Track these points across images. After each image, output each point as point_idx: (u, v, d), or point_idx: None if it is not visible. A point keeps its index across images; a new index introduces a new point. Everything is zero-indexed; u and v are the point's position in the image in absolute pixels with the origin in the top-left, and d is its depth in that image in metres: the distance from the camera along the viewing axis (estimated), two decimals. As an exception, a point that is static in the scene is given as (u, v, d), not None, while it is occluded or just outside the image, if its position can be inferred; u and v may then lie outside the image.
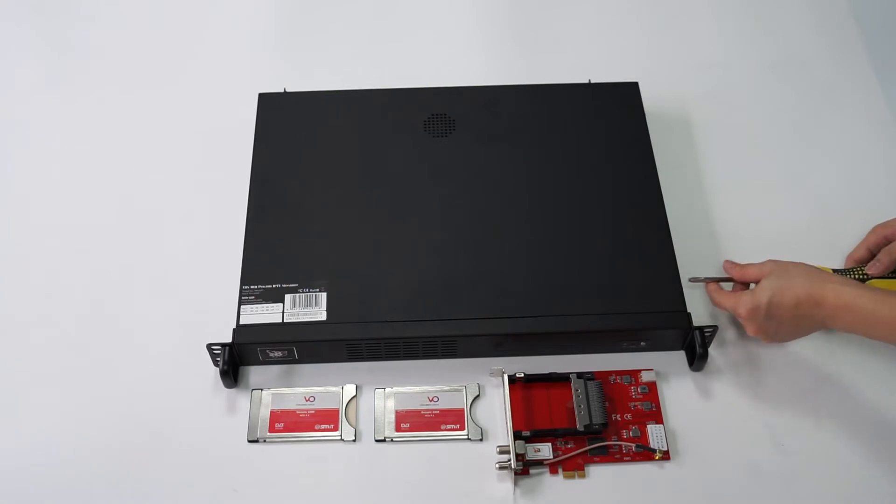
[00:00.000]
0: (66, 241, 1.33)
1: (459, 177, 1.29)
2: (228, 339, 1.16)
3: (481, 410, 1.16)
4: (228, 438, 1.15)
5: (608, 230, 1.24)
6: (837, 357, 1.20)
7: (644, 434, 1.13)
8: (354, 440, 1.14)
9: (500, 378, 1.16)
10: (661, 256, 1.22)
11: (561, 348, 1.21)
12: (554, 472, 1.11)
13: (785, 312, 1.12)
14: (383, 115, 1.36)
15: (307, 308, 1.18)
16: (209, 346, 1.16)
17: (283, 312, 1.18)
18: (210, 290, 1.26)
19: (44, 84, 1.52)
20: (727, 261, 1.23)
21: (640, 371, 1.17)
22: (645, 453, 1.11)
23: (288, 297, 1.19)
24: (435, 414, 1.16)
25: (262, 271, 1.21)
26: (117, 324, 1.25)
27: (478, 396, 1.17)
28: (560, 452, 1.11)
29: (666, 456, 1.11)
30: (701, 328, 1.16)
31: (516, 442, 1.10)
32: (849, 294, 1.08)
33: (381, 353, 1.20)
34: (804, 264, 1.14)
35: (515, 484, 1.09)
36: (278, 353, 1.19)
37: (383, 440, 1.14)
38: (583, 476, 1.10)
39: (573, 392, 1.14)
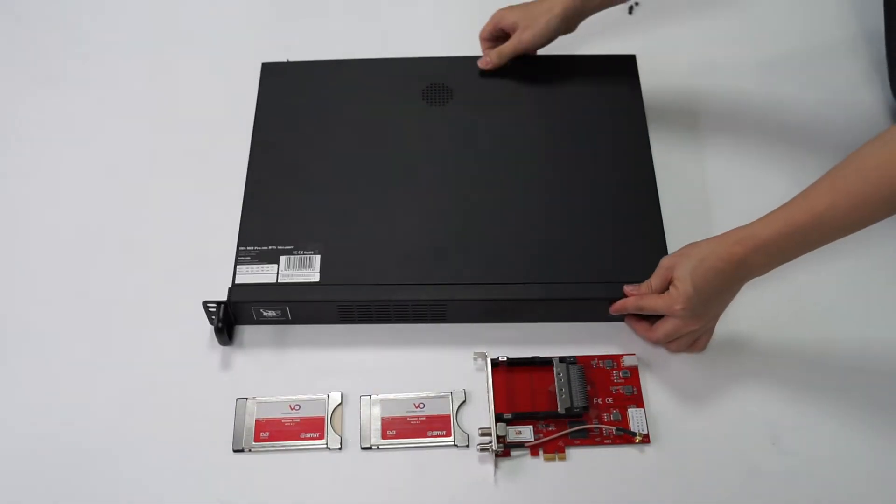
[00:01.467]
0: (66, 200, 1.35)
1: (455, 144, 1.31)
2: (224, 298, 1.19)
3: (467, 416, 1.16)
4: (221, 396, 1.16)
5: (600, 201, 1.25)
6: (822, 338, 1.22)
7: (624, 417, 1.14)
8: (340, 448, 1.14)
9: (484, 361, 1.17)
10: (649, 227, 1.23)
11: (549, 315, 1.22)
12: (535, 454, 1.12)
13: (713, 287, 1.12)
14: (382, 83, 1.38)
15: (301, 269, 1.20)
16: (205, 304, 1.17)
17: (277, 273, 1.20)
18: (208, 252, 1.28)
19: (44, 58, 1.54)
20: (626, 289, 1.19)
21: (622, 356, 1.18)
22: (625, 437, 1.13)
23: (283, 258, 1.21)
24: (421, 420, 1.15)
25: (259, 233, 1.23)
26: (116, 282, 1.27)
27: (464, 402, 1.17)
28: (541, 435, 1.13)
29: (646, 439, 1.13)
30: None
31: (497, 424, 1.11)
32: (748, 236, 1.09)
33: (371, 315, 1.21)
34: (693, 243, 1.15)
35: (496, 466, 1.11)
36: (272, 314, 1.21)
37: (370, 448, 1.14)
38: (563, 458, 1.12)
39: (555, 376, 1.15)
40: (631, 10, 1.57)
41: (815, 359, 1.20)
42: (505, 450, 1.12)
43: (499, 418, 1.13)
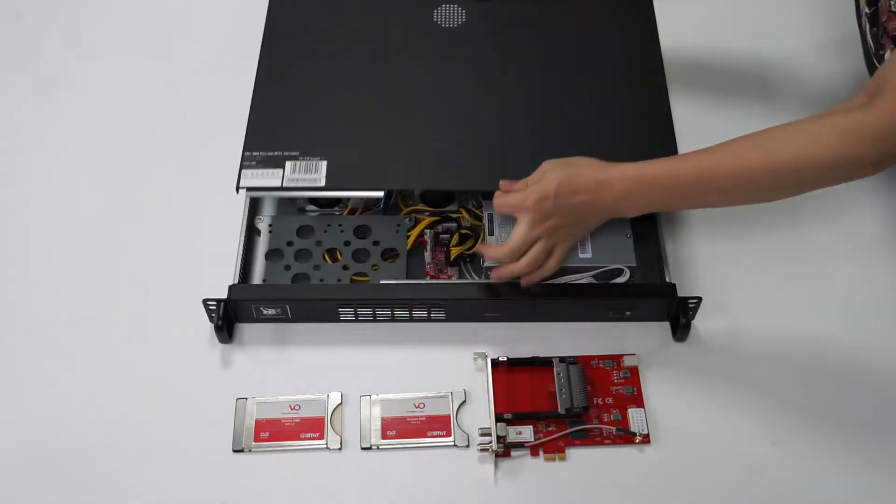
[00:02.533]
0: (66, 198, 1.35)
1: (466, 61, 1.35)
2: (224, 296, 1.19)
3: (467, 416, 1.16)
4: (221, 396, 1.16)
5: (610, 115, 1.30)
6: (822, 339, 1.22)
7: (624, 417, 1.14)
8: (340, 448, 1.13)
9: (484, 362, 1.17)
10: (661, 142, 1.26)
11: (549, 315, 1.22)
12: (535, 454, 1.12)
13: (573, 199, 1.12)
14: (394, 2, 1.41)
15: (307, 174, 1.22)
16: (205, 302, 1.17)
17: (283, 178, 1.22)
18: (208, 250, 1.28)
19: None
20: (501, 183, 1.19)
21: (622, 356, 1.18)
22: (625, 437, 1.13)
23: (289, 163, 1.23)
24: (421, 421, 1.15)
25: (265, 139, 1.27)
26: (115, 280, 1.27)
27: (464, 402, 1.16)
28: (541, 435, 1.13)
29: (646, 439, 1.13)
30: (685, 299, 1.18)
31: (497, 424, 1.11)
32: (633, 169, 1.11)
33: (371, 314, 1.21)
34: (583, 157, 1.15)
35: (496, 466, 1.11)
36: (272, 312, 1.20)
37: (369, 448, 1.13)
38: (563, 459, 1.12)
39: (555, 376, 1.15)
40: None
41: (816, 359, 1.20)
42: (505, 450, 1.12)
43: (499, 418, 1.12)
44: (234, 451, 1.13)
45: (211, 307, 1.18)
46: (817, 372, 1.19)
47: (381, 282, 1.21)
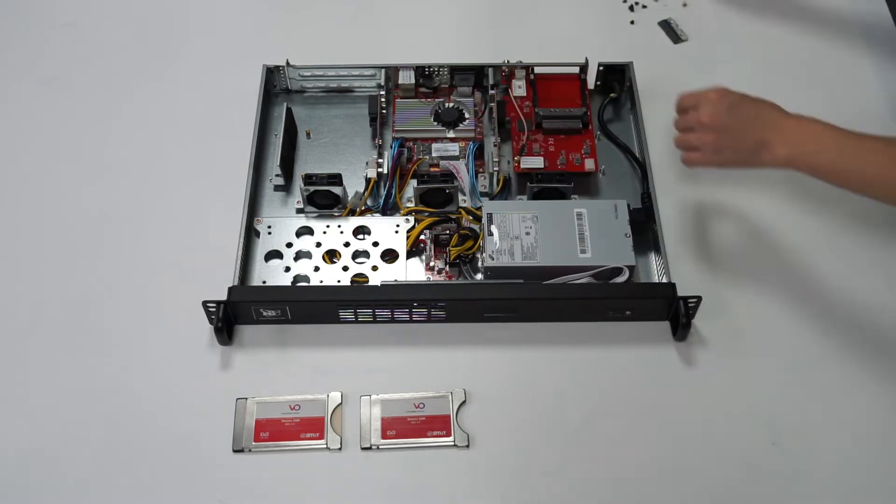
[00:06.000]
0: (66, 200, 1.35)
1: None
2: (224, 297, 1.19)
3: (468, 416, 1.16)
4: (221, 396, 1.16)
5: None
6: (821, 334, 1.22)
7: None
8: (340, 448, 1.13)
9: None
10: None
11: (549, 315, 1.22)
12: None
13: (748, 109, 1.15)
14: None
15: None
16: (205, 304, 1.17)
17: None
18: (208, 251, 1.28)
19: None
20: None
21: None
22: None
23: None
24: (421, 421, 1.15)
25: None
26: (115, 281, 1.27)
27: (464, 402, 1.16)
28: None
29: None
30: (685, 298, 1.18)
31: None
32: (797, 149, 1.12)
33: (371, 315, 1.21)
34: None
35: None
36: (272, 313, 1.20)
37: (369, 448, 1.13)
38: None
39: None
40: (632, 8, 1.58)
41: (816, 359, 1.20)
42: None
43: None
44: (234, 451, 1.13)
45: (210, 309, 1.18)
46: (817, 371, 1.19)
47: (381, 282, 1.21)
